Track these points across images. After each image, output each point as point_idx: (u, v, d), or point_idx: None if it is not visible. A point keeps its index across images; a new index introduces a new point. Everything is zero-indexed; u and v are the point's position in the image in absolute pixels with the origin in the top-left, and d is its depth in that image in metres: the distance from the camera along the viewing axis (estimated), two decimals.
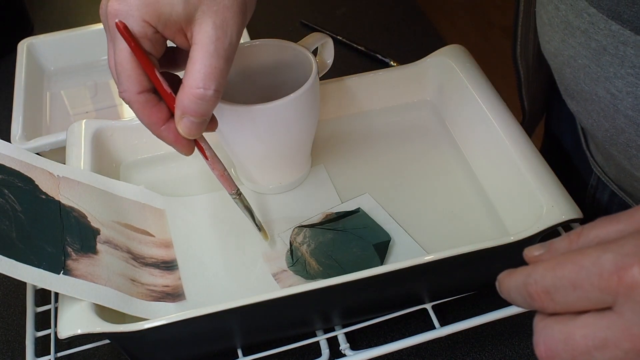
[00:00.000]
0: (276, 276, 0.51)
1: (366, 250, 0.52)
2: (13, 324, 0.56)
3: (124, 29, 0.41)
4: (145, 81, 0.43)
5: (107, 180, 0.55)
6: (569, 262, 0.28)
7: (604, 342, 0.27)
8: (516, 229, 0.51)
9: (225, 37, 0.42)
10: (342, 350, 0.50)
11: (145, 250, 0.52)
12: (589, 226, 0.31)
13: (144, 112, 0.44)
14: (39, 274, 0.44)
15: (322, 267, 0.51)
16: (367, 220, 0.55)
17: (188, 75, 0.42)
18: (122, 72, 0.43)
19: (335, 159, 0.61)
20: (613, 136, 0.49)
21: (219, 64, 0.42)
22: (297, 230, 0.54)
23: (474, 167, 0.59)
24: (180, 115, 0.43)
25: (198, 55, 0.41)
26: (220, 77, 0.42)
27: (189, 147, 0.46)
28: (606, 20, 0.44)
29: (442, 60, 0.63)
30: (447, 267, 0.48)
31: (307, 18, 0.89)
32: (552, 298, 0.29)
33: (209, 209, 0.57)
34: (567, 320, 0.29)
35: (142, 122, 0.45)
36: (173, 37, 0.43)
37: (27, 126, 0.68)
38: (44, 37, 0.80)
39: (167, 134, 0.45)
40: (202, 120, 0.44)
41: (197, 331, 0.46)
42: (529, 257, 0.33)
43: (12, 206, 0.47)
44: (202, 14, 0.41)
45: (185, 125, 0.44)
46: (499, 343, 0.52)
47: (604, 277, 0.27)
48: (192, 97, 0.42)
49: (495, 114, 0.57)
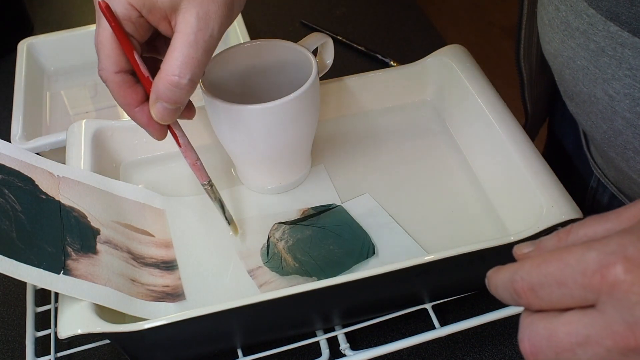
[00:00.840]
0: (252, 273, 0.52)
1: (342, 247, 0.52)
2: (13, 324, 0.56)
3: (105, 8, 0.43)
4: (123, 62, 0.44)
5: (107, 180, 0.55)
6: (554, 260, 0.29)
7: (587, 339, 0.28)
8: (516, 229, 0.51)
9: (207, 29, 0.43)
10: (342, 350, 0.50)
11: (145, 250, 0.52)
12: (578, 225, 0.31)
13: (119, 92, 0.45)
14: (39, 273, 0.44)
15: (298, 264, 0.52)
16: (346, 217, 0.55)
17: (165, 62, 0.43)
18: (102, 50, 0.44)
19: (335, 159, 0.61)
20: (611, 138, 0.49)
21: (197, 54, 0.42)
22: (276, 226, 0.54)
23: (474, 167, 0.59)
24: (155, 100, 0.44)
25: (178, 43, 0.42)
26: (197, 67, 0.43)
27: (161, 131, 0.47)
28: (605, 22, 0.44)
29: (442, 60, 0.63)
30: (447, 267, 0.48)
31: (307, 18, 0.89)
32: (537, 295, 0.29)
33: (209, 209, 0.57)
34: (552, 317, 0.29)
35: (117, 102, 0.46)
36: (157, 23, 0.44)
37: (27, 126, 0.68)
38: (44, 37, 0.80)
39: (141, 116, 0.46)
40: (175, 107, 0.45)
41: (197, 331, 0.46)
42: (518, 254, 0.33)
43: (12, 206, 0.47)
44: (187, 3, 0.42)
45: (158, 110, 0.45)
46: (499, 343, 0.52)
47: (587, 275, 0.27)
48: (167, 84, 0.43)
49: (495, 114, 0.56)
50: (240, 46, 0.56)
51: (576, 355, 0.28)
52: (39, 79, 0.78)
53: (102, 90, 0.78)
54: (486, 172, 0.57)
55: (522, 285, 0.30)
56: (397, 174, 0.59)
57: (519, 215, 0.52)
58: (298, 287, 0.45)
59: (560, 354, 0.28)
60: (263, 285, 0.50)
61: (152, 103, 0.44)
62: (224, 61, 0.55)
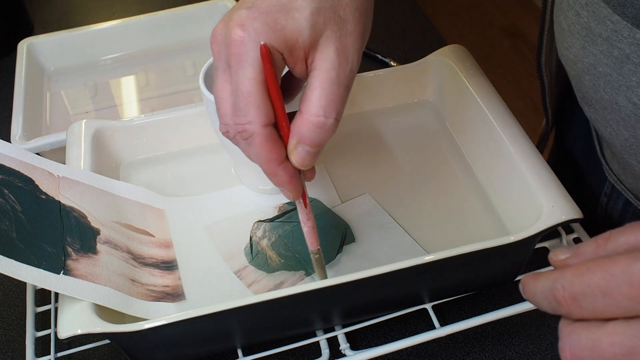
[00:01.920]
0: (238, 273, 0.52)
1: (324, 239, 0.52)
2: (13, 324, 0.56)
3: (266, 53, 0.39)
4: (271, 113, 0.40)
5: (107, 180, 0.55)
6: (598, 269, 0.28)
7: (632, 350, 0.27)
8: (516, 229, 0.51)
9: (347, 64, 0.40)
10: (342, 350, 0.50)
11: (145, 250, 0.52)
12: (618, 232, 0.31)
13: (266, 147, 0.41)
14: (39, 273, 0.44)
15: (283, 260, 0.52)
16: (324, 209, 0.55)
17: (307, 103, 0.40)
18: (252, 101, 0.40)
19: (335, 159, 0.61)
20: (633, 145, 0.48)
21: (339, 91, 0.40)
22: (256, 225, 0.55)
23: (474, 167, 0.59)
24: (295, 144, 0.41)
25: (318, 82, 0.40)
26: (341, 106, 0.40)
27: (299, 189, 0.44)
28: (630, 28, 0.43)
29: (442, 60, 0.63)
30: (447, 267, 0.48)
31: None
32: (579, 305, 0.29)
33: (209, 209, 0.57)
34: (595, 328, 0.29)
35: (258, 157, 0.42)
36: (295, 64, 0.41)
37: (27, 126, 0.68)
38: (44, 37, 0.80)
39: (284, 173, 0.42)
40: (316, 151, 0.41)
41: (197, 331, 0.46)
42: (555, 260, 0.32)
43: (13, 206, 0.47)
44: (325, 39, 0.40)
45: (299, 155, 0.41)
46: (499, 343, 0.52)
47: (633, 285, 0.27)
48: (311, 126, 0.40)
49: (495, 113, 0.56)
50: None
51: None
52: (39, 79, 0.78)
53: (102, 90, 0.78)
54: (486, 172, 0.57)
55: (564, 294, 0.29)
56: (397, 174, 0.59)
57: (519, 215, 0.52)
58: (298, 287, 0.45)
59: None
60: (252, 285, 0.51)
61: (292, 148, 0.41)
62: None
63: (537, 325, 0.53)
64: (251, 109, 0.40)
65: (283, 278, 0.51)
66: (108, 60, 0.82)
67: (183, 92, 0.77)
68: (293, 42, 0.40)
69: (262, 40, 0.39)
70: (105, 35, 0.81)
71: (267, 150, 0.41)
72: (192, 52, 0.82)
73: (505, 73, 2.06)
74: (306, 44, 0.40)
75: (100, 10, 0.95)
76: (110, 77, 0.80)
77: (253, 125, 0.40)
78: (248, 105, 0.40)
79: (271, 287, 0.50)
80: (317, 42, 0.40)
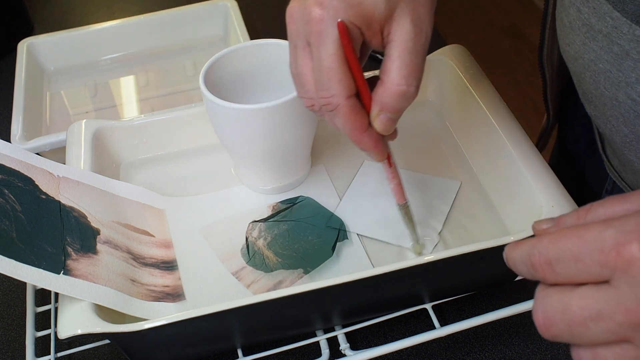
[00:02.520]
0: (236, 274, 0.52)
1: (320, 237, 0.53)
2: (13, 324, 0.56)
3: (343, 29, 0.41)
4: (353, 85, 0.43)
5: (107, 180, 0.55)
6: (572, 236, 0.29)
7: (599, 314, 0.28)
8: (516, 229, 0.51)
9: (422, 34, 0.42)
10: (342, 350, 0.50)
11: (145, 251, 0.52)
12: (598, 203, 0.32)
13: (349, 117, 0.43)
14: (39, 273, 0.44)
15: (281, 259, 0.52)
16: (317, 207, 0.56)
17: (389, 73, 0.42)
18: (333, 76, 0.42)
19: (335, 159, 0.61)
20: (632, 142, 0.49)
21: (418, 60, 0.42)
22: (251, 225, 0.55)
23: (474, 167, 0.59)
24: (377, 112, 0.43)
25: (397, 52, 0.41)
26: (420, 74, 0.42)
27: (384, 151, 0.47)
28: (630, 25, 0.43)
29: (442, 60, 0.63)
30: (447, 267, 0.48)
31: None
32: (553, 269, 0.30)
33: (209, 209, 0.57)
34: (566, 291, 0.30)
35: (343, 127, 0.44)
36: (372, 37, 0.43)
37: (27, 126, 0.68)
38: (44, 37, 0.80)
39: (369, 139, 0.45)
40: (398, 117, 0.44)
41: (197, 331, 0.46)
42: (537, 229, 0.34)
43: (13, 206, 0.47)
44: (400, 11, 0.42)
45: (382, 122, 0.44)
46: (499, 343, 0.52)
47: (604, 251, 0.28)
48: (394, 94, 0.42)
49: (495, 114, 0.56)
50: (240, 46, 0.56)
51: (588, 329, 0.29)
52: (39, 79, 0.78)
53: (102, 90, 0.78)
54: (486, 172, 0.57)
55: (539, 259, 0.30)
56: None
57: (519, 215, 0.52)
58: (298, 287, 0.45)
59: (573, 327, 0.29)
60: (251, 285, 0.51)
61: (374, 116, 0.44)
62: (224, 61, 0.55)
63: None
64: (334, 83, 0.42)
65: (282, 277, 0.51)
66: (108, 60, 0.82)
67: (183, 92, 0.77)
68: (370, 16, 0.41)
69: (340, 17, 0.41)
70: (105, 35, 0.81)
71: (351, 120, 0.43)
72: (192, 52, 0.82)
73: (505, 73, 2.06)
74: (382, 17, 0.41)
75: (100, 10, 0.95)
76: (110, 77, 0.80)
77: (337, 98, 0.42)
78: (331, 80, 0.42)
79: (270, 287, 0.50)
80: (392, 14, 0.42)
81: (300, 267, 0.51)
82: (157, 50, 0.83)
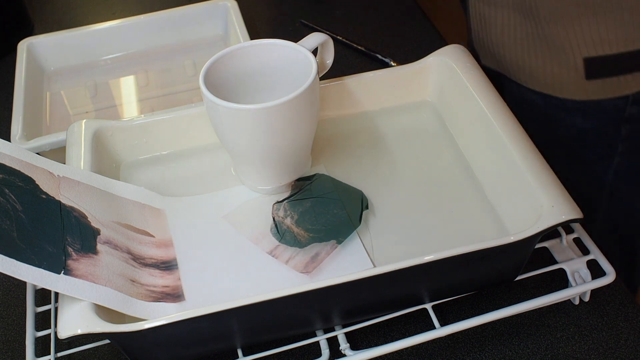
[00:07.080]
0: (272, 253, 0.52)
1: (345, 208, 0.54)
2: (13, 324, 0.56)
3: None
4: None
5: (107, 180, 0.55)
6: None
7: None
8: (516, 229, 0.51)
9: None
10: (342, 350, 0.50)
11: (145, 251, 0.52)
12: None
13: None
14: (40, 273, 0.44)
15: (312, 234, 0.53)
16: (335, 182, 0.57)
17: None
18: None
19: (335, 159, 0.61)
20: None
21: None
22: (276, 206, 0.56)
23: (474, 167, 0.59)
24: None
25: None
26: None
27: None
28: None
29: (442, 60, 0.63)
30: (447, 267, 0.48)
31: (307, 18, 0.89)
32: None
33: (209, 209, 0.57)
34: None
35: None
36: None
37: (27, 126, 0.68)
38: (44, 37, 0.80)
39: None
40: None
41: (196, 331, 0.46)
42: None
43: (13, 206, 0.47)
44: None
45: None
46: (499, 343, 0.52)
47: None
48: None
49: (495, 114, 0.57)
50: (240, 46, 0.56)
51: None
52: (39, 79, 0.78)
53: (102, 90, 0.78)
54: (486, 172, 0.57)
55: None
56: (397, 174, 0.59)
57: (519, 215, 0.52)
58: (298, 287, 0.45)
59: None
60: (289, 261, 0.52)
61: None
62: (224, 61, 0.55)
63: (537, 325, 0.53)
64: None
65: (317, 249, 0.52)
66: (108, 60, 0.82)
67: (183, 92, 0.77)
68: None
69: None
70: (105, 35, 0.81)
71: None
72: (192, 52, 0.82)
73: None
74: None
75: (100, 10, 0.95)
76: (110, 77, 0.80)
77: None
78: None
79: (307, 260, 0.51)
80: None
81: (333, 238, 0.52)
82: (157, 50, 0.83)
